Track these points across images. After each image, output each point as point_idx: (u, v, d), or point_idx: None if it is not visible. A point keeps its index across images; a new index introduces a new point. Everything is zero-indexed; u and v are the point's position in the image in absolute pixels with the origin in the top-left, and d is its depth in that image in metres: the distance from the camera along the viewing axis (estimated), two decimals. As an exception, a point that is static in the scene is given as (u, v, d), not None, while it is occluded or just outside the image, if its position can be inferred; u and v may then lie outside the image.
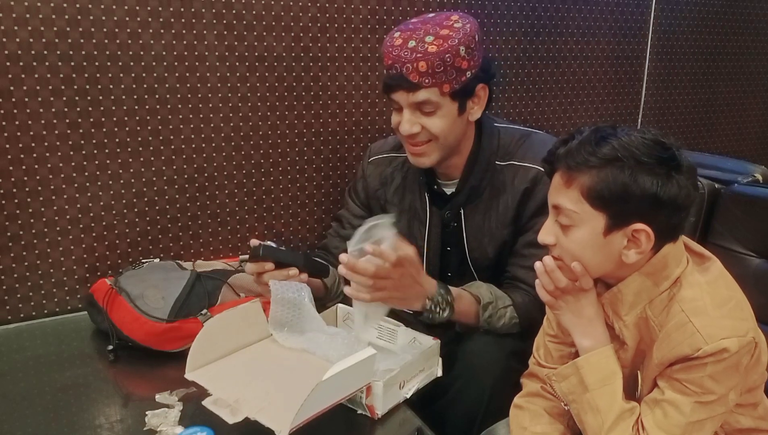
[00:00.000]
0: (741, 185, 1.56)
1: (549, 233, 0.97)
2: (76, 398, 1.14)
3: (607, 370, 0.96)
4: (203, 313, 1.30)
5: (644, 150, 0.89)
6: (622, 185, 0.88)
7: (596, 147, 0.90)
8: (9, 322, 1.46)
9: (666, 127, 2.46)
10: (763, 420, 1.04)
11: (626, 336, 0.98)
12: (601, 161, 0.89)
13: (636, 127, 1.71)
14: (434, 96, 1.22)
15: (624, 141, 0.90)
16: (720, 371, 0.89)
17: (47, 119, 1.42)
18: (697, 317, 0.90)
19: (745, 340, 0.89)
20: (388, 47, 1.24)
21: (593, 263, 0.96)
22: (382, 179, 1.46)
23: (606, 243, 0.93)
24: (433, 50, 1.19)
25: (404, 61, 1.21)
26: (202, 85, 1.56)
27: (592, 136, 0.92)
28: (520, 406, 1.11)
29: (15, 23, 1.35)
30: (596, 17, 2.15)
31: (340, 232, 1.51)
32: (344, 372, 0.95)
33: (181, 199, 1.59)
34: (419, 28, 1.24)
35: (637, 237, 0.91)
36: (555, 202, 0.95)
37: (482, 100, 1.30)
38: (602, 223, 0.92)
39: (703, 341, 0.88)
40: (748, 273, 1.46)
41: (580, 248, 0.94)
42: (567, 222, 0.94)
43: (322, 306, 1.31)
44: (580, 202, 0.92)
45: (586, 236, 0.93)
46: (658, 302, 0.95)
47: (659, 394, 0.93)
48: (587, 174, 0.90)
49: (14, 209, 1.42)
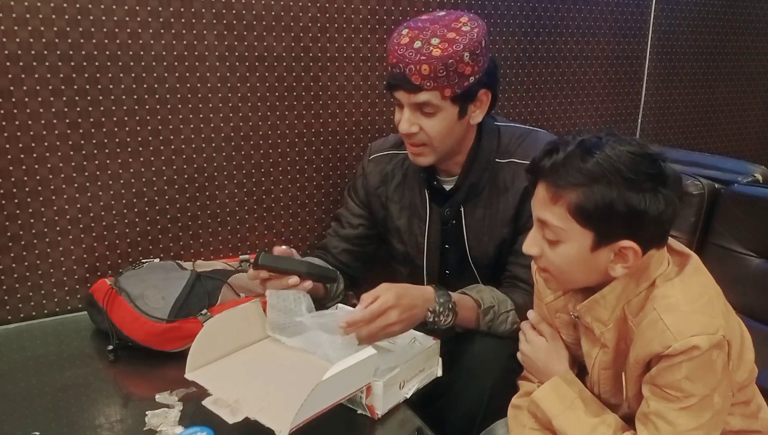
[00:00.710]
0: (741, 185, 1.56)
1: (534, 245, 0.97)
2: (76, 398, 1.14)
3: (563, 399, 1.02)
4: (203, 313, 1.30)
5: (631, 166, 0.88)
6: (609, 203, 0.88)
7: (582, 163, 0.89)
8: (9, 322, 1.46)
9: (666, 127, 2.46)
10: (754, 419, 1.04)
11: (606, 338, 0.99)
12: (588, 179, 0.88)
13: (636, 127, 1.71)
14: (435, 99, 1.22)
15: (610, 156, 0.88)
16: (694, 370, 0.88)
17: (47, 119, 1.42)
18: (667, 314, 0.90)
19: (715, 338, 0.88)
20: (394, 45, 1.24)
21: (579, 276, 0.97)
22: (383, 176, 1.46)
23: (593, 258, 0.93)
24: (437, 54, 1.19)
25: (408, 62, 1.20)
26: (202, 85, 1.56)
27: (577, 150, 0.90)
28: (518, 406, 1.12)
29: (15, 23, 1.35)
30: (596, 17, 2.15)
31: (339, 232, 1.51)
32: (344, 372, 0.95)
33: (181, 199, 1.59)
34: (427, 28, 1.23)
35: (625, 253, 0.91)
36: (541, 217, 0.95)
37: (484, 104, 1.30)
38: (589, 239, 0.91)
39: (672, 338, 0.88)
40: (748, 273, 1.46)
41: (567, 263, 0.95)
42: (553, 237, 0.94)
43: (322, 306, 1.31)
44: (567, 220, 0.91)
45: (572, 252, 0.93)
46: (635, 302, 0.96)
47: (645, 407, 0.94)
48: (574, 191, 0.89)
49: (14, 209, 1.42)
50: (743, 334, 1.00)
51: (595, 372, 1.03)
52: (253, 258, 1.17)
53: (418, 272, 1.44)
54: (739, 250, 1.49)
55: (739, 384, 0.99)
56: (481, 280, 1.38)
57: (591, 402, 1.02)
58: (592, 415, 1.00)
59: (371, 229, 1.50)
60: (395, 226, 1.44)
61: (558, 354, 1.09)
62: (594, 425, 0.98)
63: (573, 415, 1.00)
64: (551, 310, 1.10)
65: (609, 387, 1.03)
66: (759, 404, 1.06)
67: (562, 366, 1.07)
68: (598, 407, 1.02)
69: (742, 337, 0.99)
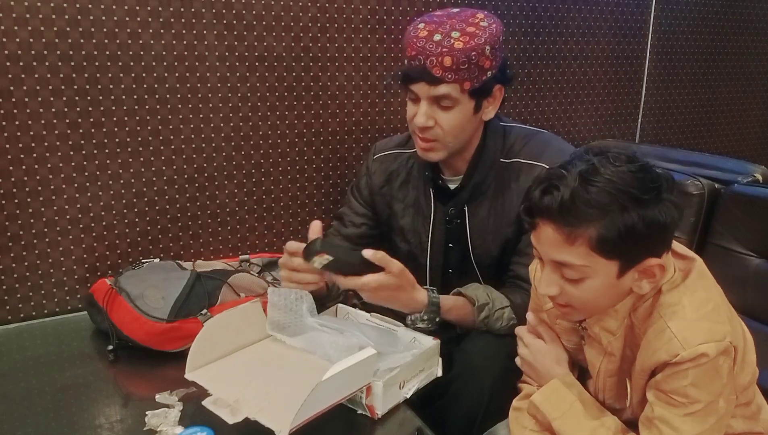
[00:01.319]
0: (741, 185, 1.56)
1: (553, 285, 0.94)
2: (76, 398, 1.14)
3: (563, 402, 1.02)
4: (203, 313, 1.30)
5: (636, 184, 0.86)
6: (631, 228, 0.85)
7: (590, 195, 0.86)
8: (9, 322, 1.46)
9: (666, 127, 2.46)
10: (755, 420, 1.04)
11: (614, 347, 0.99)
12: (601, 211, 0.85)
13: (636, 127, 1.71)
14: (454, 92, 1.22)
15: (613, 180, 0.86)
16: (701, 377, 0.88)
17: (47, 119, 1.42)
18: (674, 322, 0.90)
19: (722, 344, 0.88)
20: (412, 38, 1.23)
21: (605, 304, 0.95)
22: (388, 175, 1.46)
23: (619, 284, 0.91)
24: (459, 46, 1.19)
25: (428, 54, 1.20)
26: (202, 85, 1.56)
27: (578, 183, 0.87)
28: (519, 408, 1.12)
29: (15, 23, 1.35)
30: (596, 17, 2.15)
31: (341, 231, 1.51)
32: (344, 372, 0.95)
33: (181, 199, 1.59)
34: (445, 22, 1.23)
35: (651, 271, 0.90)
36: (557, 259, 0.91)
37: (497, 100, 1.31)
38: (615, 268, 0.89)
39: (680, 347, 0.87)
40: (748, 273, 1.46)
41: (593, 296, 0.93)
42: (576, 276, 0.90)
43: (323, 306, 1.31)
44: (590, 256, 0.88)
45: (598, 285, 0.91)
46: (642, 309, 0.95)
47: (650, 412, 0.93)
48: (592, 227, 0.86)
49: (14, 209, 1.42)
50: (746, 336, 1.00)
51: (600, 379, 1.03)
52: (252, 257, 1.17)
53: (420, 271, 1.44)
54: (739, 250, 1.49)
55: (741, 386, 0.99)
56: (483, 279, 1.38)
57: (590, 405, 1.02)
58: (592, 417, 0.99)
59: (374, 228, 1.50)
60: (399, 225, 1.44)
61: (557, 356, 1.08)
62: (593, 428, 0.98)
63: (572, 418, 1.00)
64: (551, 317, 1.10)
65: (613, 393, 1.02)
66: (759, 405, 1.06)
67: (561, 369, 1.07)
68: (597, 410, 1.02)
69: (744, 339, 0.99)
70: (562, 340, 1.10)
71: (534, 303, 1.14)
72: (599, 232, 0.86)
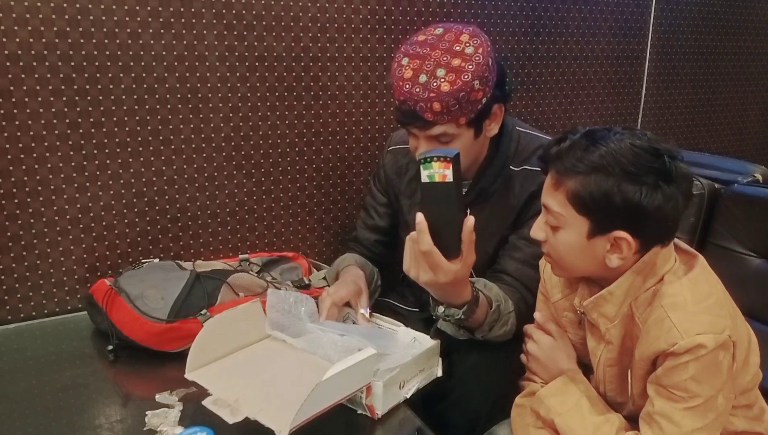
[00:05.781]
0: (741, 185, 1.56)
1: (540, 230, 1.01)
2: (76, 398, 1.14)
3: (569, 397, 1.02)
4: (203, 313, 1.30)
5: (632, 158, 0.89)
6: (605, 193, 0.90)
7: (584, 153, 0.92)
8: (9, 322, 1.46)
9: (666, 127, 2.46)
10: (758, 421, 1.04)
11: (611, 335, 0.99)
12: (588, 168, 0.91)
13: (636, 127, 1.71)
14: (450, 129, 1.19)
15: (613, 148, 0.90)
16: (701, 371, 0.89)
17: (47, 119, 1.42)
18: (675, 312, 0.91)
19: (721, 337, 0.89)
20: (398, 80, 1.17)
21: (578, 264, 0.99)
22: (397, 169, 1.47)
23: (589, 246, 0.95)
24: (446, 89, 1.13)
25: (417, 100, 1.15)
26: (202, 85, 1.56)
27: (583, 140, 0.93)
28: (521, 405, 1.12)
29: (15, 23, 1.35)
30: (596, 17, 2.15)
31: (367, 223, 1.51)
32: (344, 372, 0.95)
33: (181, 199, 1.59)
34: (428, 56, 1.16)
35: (619, 244, 0.93)
36: (545, 202, 0.98)
37: (499, 116, 1.27)
38: (586, 227, 0.94)
39: (679, 336, 0.88)
40: (748, 273, 1.46)
41: (566, 249, 0.97)
42: (554, 223, 0.97)
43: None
44: (566, 206, 0.94)
45: (570, 238, 0.96)
46: (642, 299, 0.96)
47: (650, 407, 0.94)
48: (573, 179, 0.92)
49: (14, 209, 1.42)
50: (750, 337, 1.00)
51: (600, 370, 1.03)
52: (251, 256, 1.16)
53: None
54: (739, 250, 1.49)
55: (742, 387, 0.99)
56: (475, 274, 1.38)
57: (596, 401, 1.02)
58: (597, 414, 1.00)
59: (395, 217, 1.51)
60: (404, 220, 1.45)
61: (566, 352, 1.09)
62: (598, 424, 0.98)
63: (577, 414, 1.00)
64: (558, 309, 1.11)
65: (614, 385, 1.03)
66: (762, 408, 1.06)
67: (569, 364, 1.07)
68: (602, 407, 1.02)
69: (749, 340, 0.99)
70: (569, 334, 1.10)
71: (544, 296, 1.15)
72: (577, 186, 0.92)
